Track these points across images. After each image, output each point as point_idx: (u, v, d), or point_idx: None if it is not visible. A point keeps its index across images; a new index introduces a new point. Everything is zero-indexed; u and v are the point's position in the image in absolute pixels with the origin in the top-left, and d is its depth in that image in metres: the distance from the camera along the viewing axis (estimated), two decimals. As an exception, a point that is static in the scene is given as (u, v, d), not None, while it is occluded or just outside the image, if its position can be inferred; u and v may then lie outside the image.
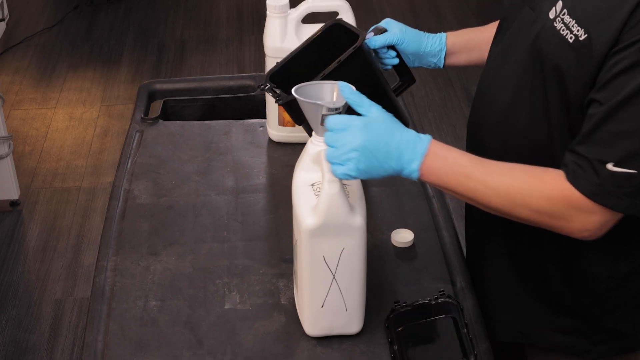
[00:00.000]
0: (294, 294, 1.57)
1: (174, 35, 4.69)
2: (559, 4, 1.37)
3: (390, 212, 1.78)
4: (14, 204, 3.43)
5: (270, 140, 2.02)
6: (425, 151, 1.34)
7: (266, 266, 1.65)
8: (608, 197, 1.29)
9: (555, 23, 1.36)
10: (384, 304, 1.54)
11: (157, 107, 2.18)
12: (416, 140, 1.34)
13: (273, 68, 1.66)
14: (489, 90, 1.54)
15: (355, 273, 1.43)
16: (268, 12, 1.90)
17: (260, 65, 4.29)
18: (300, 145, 1.56)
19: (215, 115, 2.20)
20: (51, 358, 2.78)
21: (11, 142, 3.30)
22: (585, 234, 1.34)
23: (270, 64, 1.92)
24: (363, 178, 1.36)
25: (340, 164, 1.33)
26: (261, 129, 2.06)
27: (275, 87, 1.62)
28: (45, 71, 4.36)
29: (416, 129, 2.03)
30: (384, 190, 1.85)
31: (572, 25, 1.33)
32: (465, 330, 1.44)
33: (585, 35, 1.31)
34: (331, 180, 1.35)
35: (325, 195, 1.35)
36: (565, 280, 1.52)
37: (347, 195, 1.39)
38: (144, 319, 1.54)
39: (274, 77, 1.65)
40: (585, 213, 1.31)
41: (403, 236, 1.70)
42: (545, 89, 1.39)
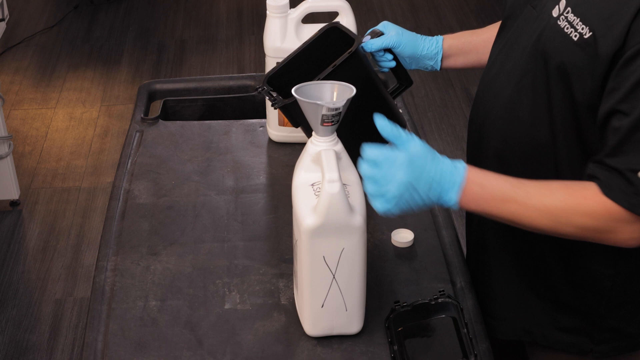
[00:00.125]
0: (294, 294, 1.57)
1: (174, 35, 4.69)
2: (563, 2, 1.38)
3: (390, 212, 1.78)
4: (14, 204, 3.43)
5: (270, 140, 2.02)
6: (463, 180, 1.33)
7: (266, 266, 1.65)
8: None
9: (559, 21, 1.37)
10: (384, 304, 1.54)
11: (157, 107, 2.18)
12: (453, 170, 1.33)
13: (270, 71, 1.67)
14: (490, 89, 1.54)
15: (355, 273, 1.43)
16: (268, 12, 1.90)
17: (260, 65, 4.29)
18: (300, 145, 1.56)
19: (215, 115, 2.21)
20: (51, 358, 2.78)
21: (11, 142, 3.30)
22: (632, 242, 1.34)
23: (270, 64, 1.92)
24: (401, 212, 1.34)
25: (382, 198, 1.32)
26: (261, 129, 2.06)
27: (272, 91, 1.63)
28: (45, 71, 4.36)
29: (416, 129, 2.04)
30: (384, 190, 1.85)
31: (577, 24, 1.33)
32: (465, 330, 1.44)
33: (590, 33, 1.31)
34: (331, 180, 1.35)
35: (325, 195, 1.35)
36: (568, 279, 1.52)
37: (347, 195, 1.39)
38: (144, 319, 1.54)
39: (271, 80, 1.65)
40: (628, 223, 1.31)
41: (403, 236, 1.70)
42: (548, 88, 1.40)
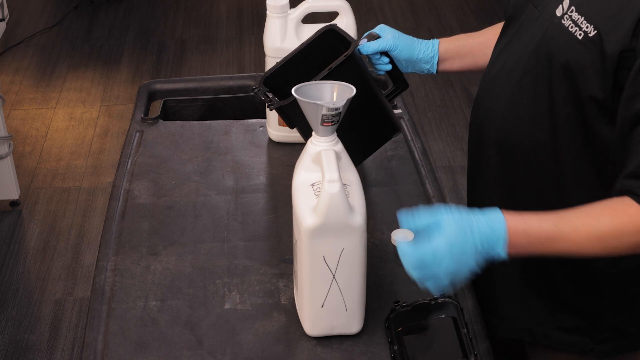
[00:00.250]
0: (294, 294, 1.57)
1: (174, 35, 4.69)
2: (566, 1, 1.38)
3: (390, 212, 1.78)
4: (14, 204, 3.43)
5: (270, 140, 2.02)
6: (506, 236, 1.31)
7: (266, 266, 1.65)
8: None
9: (563, 20, 1.37)
10: (384, 304, 1.54)
11: (157, 107, 2.18)
12: (493, 231, 1.31)
13: (266, 72, 1.67)
14: (491, 88, 1.54)
15: (355, 273, 1.43)
16: (268, 12, 1.90)
17: (260, 65, 4.29)
18: (300, 145, 1.56)
19: (215, 115, 2.20)
20: (51, 358, 2.78)
21: (11, 142, 3.30)
22: None
23: (270, 64, 1.92)
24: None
25: (435, 283, 1.33)
26: (261, 129, 2.06)
27: (268, 92, 1.63)
28: (45, 71, 4.36)
29: (416, 129, 2.04)
30: (384, 190, 1.85)
31: (581, 22, 1.34)
32: (465, 330, 1.44)
33: (595, 32, 1.32)
34: (331, 180, 1.35)
35: (325, 195, 1.35)
36: (569, 278, 1.52)
37: (347, 195, 1.39)
38: (144, 319, 1.54)
39: (268, 81, 1.65)
40: None
41: (403, 236, 1.70)
42: (551, 87, 1.40)
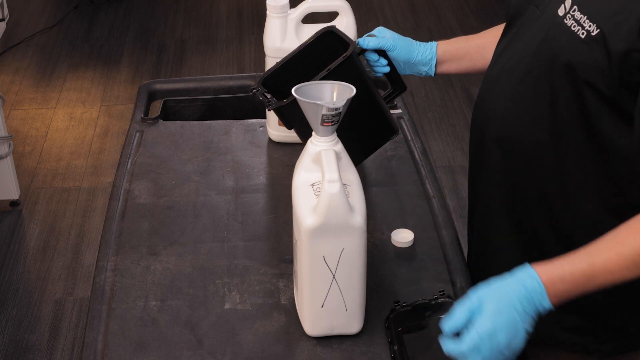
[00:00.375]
0: (294, 294, 1.57)
1: (174, 35, 4.69)
2: (568, 0, 1.38)
3: (390, 212, 1.78)
4: (14, 204, 3.43)
5: (270, 140, 2.02)
6: (543, 288, 1.30)
7: (266, 266, 1.65)
8: None
9: (566, 20, 1.38)
10: (384, 304, 1.54)
11: (157, 107, 2.18)
12: (528, 288, 1.30)
13: (265, 73, 1.67)
14: (492, 88, 1.54)
15: (355, 273, 1.43)
16: (268, 12, 1.90)
17: (260, 65, 4.29)
18: (300, 145, 1.56)
19: (215, 115, 2.20)
20: (51, 358, 2.78)
21: (11, 142, 3.30)
22: None
23: (270, 64, 1.92)
24: None
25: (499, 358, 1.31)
26: (261, 129, 2.06)
27: (266, 92, 1.63)
28: (45, 71, 4.36)
29: (416, 129, 2.04)
30: (384, 190, 1.85)
31: (584, 21, 1.34)
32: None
33: (598, 30, 1.32)
34: (331, 180, 1.35)
35: (325, 195, 1.35)
36: None
37: (347, 195, 1.39)
38: (144, 319, 1.54)
39: (266, 82, 1.65)
40: None
41: (403, 236, 1.70)
42: (553, 87, 1.40)
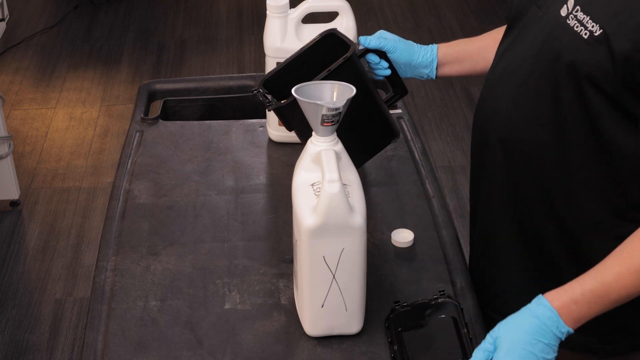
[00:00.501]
0: (294, 294, 1.57)
1: (174, 35, 4.69)
2: (571, 1, 1.38)
3: (390, 212, 1.78)
4: (14, 204, 3.43)
5: (270, 140, 2.02)
6: (555, 314, 1.32)
7: (266, 266, 1.65)
8: None
9: (568, 20, 1.38)
10: (384, 304, 1.54)
11: (157, 107, 2.18)
12: (540, 318, 1.32)
13: (266, 75, 1.67)
14: (494, 89, 1.54)
15: (355, 273, 1.43)
16: (268, 12, 1.90)
17: (260, 65, 4.29)
18: (300, 145, 1.56)
19: (215, 115, 2.20)
20: (51, 358, 2.78)
21: (11, 142, 3.30)
22: None
23: (270, 64, 1.92)
24: None
25: None
26: (261, 129, 2.06)
27: (267, 93, 1.63)
28: (45, 71, 4.36)
29: (416, 129, 2.04)
30: (384, 190, 1.85)
31: (587, 22, 1.34)
32: (465, 330, 1.44)
33: (601, 31, 1.32)
34: (331, 180, 1.35)
35: (325, 195, 1.35)
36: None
37: (347, 195, 1.39)
38: (144, 319, 1.54)
39: (267, 84, 1.66)
40: None
41: (403, 236, 1.70)
42: (556, 87, 1.40)
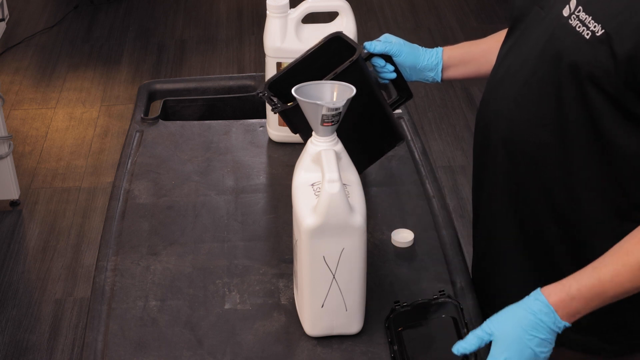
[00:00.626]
0: (294, 294, 1.57)
1: (174, 35, 4.69)
2: (573, 1, 1.39)
3: (390, 212, 1.78)
4: (14, 204, 3.43)
5: (270, 140, 2.02)
6: (551, 310, 1.34)
7: (266, 266, 1.65)
8: None
9: (570, 20, 1.38)
10: (384, 304, 1.54)
11: (157, 107, 2.18)
12: (536, 313, 1.34)
13: (272, 77, 1.67)
14: (496, 89, 1.54)
15: (355, 273, 1.43)
16: (268, 12, 1.90)
17: (260, 65, 4.29)
18: (300, 145, 1.56)
19: (215, 115, 2.20)
20: (51, 358, 2.78)
21: (11, 142, 3.30)
22: None
23: (270, 64, 1.92)
24: None
25: None
26: (261, 129, 2.06)
27: (273, 96, 1.63)
28: (45, 71, 4.36)
29: (416, 129, 2.04)
30: (384, 190, 1.85)
31: (589, 22, 1.34)
32: (465, 330, 1.44)
33: (603, 31, 1.32)
34: (331, 180, 1.35)
35: (325, 195, 1.35)
36: None
37: (347, 195, 1.39)
38: (144, 319, 1.54)
39: (272, 86, 1.66)
40: None
41: (403, 236, 1.70)
42: (559, 87, 1.40)
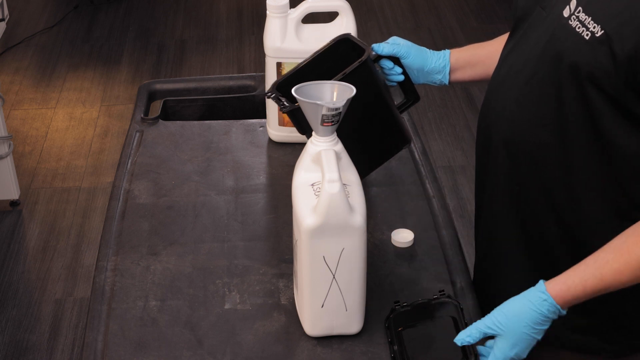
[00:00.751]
0: (294, 294, 1.57)
1: (174, 35, 4.69)
2: (573, 2, 1.39)
3: (390, 212, 1.78)
4: (14, 204, 3.43)
5: (270, 140, 2.02)
6: (558, 308, 1.37)
7: (266, 266, 1.65)
8: None
9: (570, 21, 1.38)
10: (384, 304, 1.54)
11: (157, 107, 2.18)
12: (545, 311, 1.37)
13: (280, 78, 1.68)
14: (498, 89, 1.55)
15: (355, 273, 1.43)
16: (268, 12, 1.90)
17: (261, 65, 4.29)
18: (300, 145, 1.56)
19: (215, 115, 2.20)
20: (51, 358, 2.78)
21: (11, 142, 3.30)
22: None
23: (270, 64, 1.92)
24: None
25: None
26: (261, 129, 2.06)
27: (281, 96, 1.64)
28: (45, 71, 4.36)
29: (416, 129, 2.04)
30: (384, 190, 1.85)
31: (588, 23, 1.35)
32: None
33: (602, 32, 1.33)
34: (331, 180, 1.35)
35: (325, 195, 1.35)
36: None
37: (347, 195, 1.39)
38: (144, 319, 1.54)
39: (280, 87, 1.66)
40: None
41: (403, 236, 1.70)
42: (559, 88, 1.40)
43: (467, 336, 1.38)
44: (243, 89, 2.24)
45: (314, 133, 1.43)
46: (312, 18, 1.91)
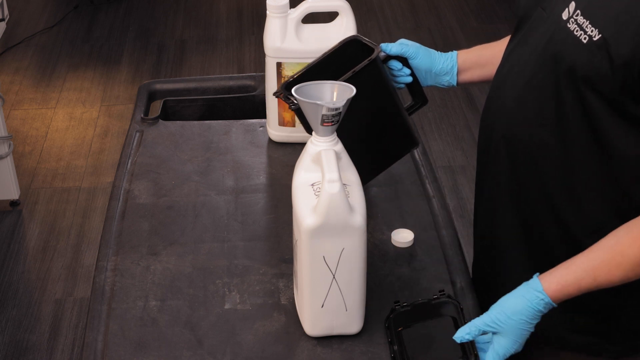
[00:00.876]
0: (294, 294, 1.57)
1: (174, 35, 4.69)
2: (572, 5, 1.38)
3: (390, 212, 1.78)
4: (14, 204, 3.43)
5: (270, 140, 2.02)
6: (552, 304, 1.39)
7: (266, 266, 1.65)
8: None
9: (569, 24, 1.38)
10: (384, 304, 1.54)
11: (157, 107, 2.18)
12: (542, 308, 1.39)
13: (289, 78, 1.68)
14: (499, 88, 1.55)
15: (355, 273, 1.43)
16: (268, 12, 1.90)
17: (261, 65, 4.29)
18: (300, 145, 1.56)
19: (215, 115, 2.20)
20: (51, 358, 2.78)
21: (11, 142, 3.30)
22: None
23: (270, 64, 1.92)
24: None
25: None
26: (261, 129, 2.06)
27: (290, 95, 1.64)
28: (45, 71, 4.36)
29: (415, 129, 2.04)
30: (384, 190, 1.85)
31: (586, 26, 1.35)
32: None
33: (600, 36, 1.32)
34: (331, 180, 1.35)
35: (325, 195, 1.35)
36: None
37: (347, 195, 1.39)
38: (144, 319, 1.54)
39: (289, 88, 1.66)
40: None
41: (403, 236, 1.70)
42: (558, 89, 1.40)
43: (467, 334, 1.40)
44: (243, 89, 2.24)
45: (314, 133, 1.43)
46: (312, 18, 1.91)
